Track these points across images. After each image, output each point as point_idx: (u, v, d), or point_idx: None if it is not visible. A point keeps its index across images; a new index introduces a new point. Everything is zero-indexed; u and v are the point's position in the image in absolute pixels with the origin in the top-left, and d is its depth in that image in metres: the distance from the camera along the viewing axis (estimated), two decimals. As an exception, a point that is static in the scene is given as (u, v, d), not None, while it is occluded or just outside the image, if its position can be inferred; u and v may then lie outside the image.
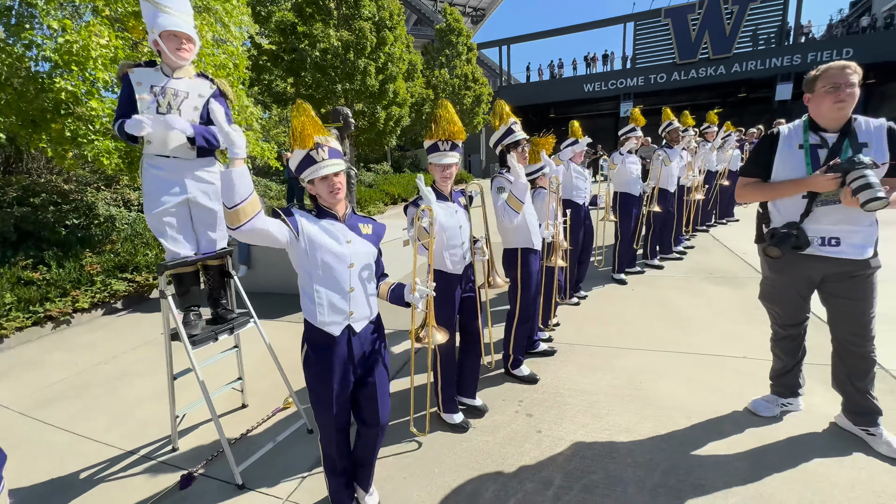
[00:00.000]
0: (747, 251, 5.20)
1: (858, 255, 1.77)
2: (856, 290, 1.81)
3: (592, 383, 2.62)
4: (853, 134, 1.75)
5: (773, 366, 2.20)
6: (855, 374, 1.89)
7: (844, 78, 1.70)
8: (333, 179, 1.50)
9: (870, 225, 1.77)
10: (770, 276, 2.08)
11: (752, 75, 21.68)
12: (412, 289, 1.65)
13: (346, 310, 1.55)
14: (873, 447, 1.87)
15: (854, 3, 28.36)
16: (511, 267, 2.66)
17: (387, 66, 13.51)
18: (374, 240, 1.66)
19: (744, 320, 3.34)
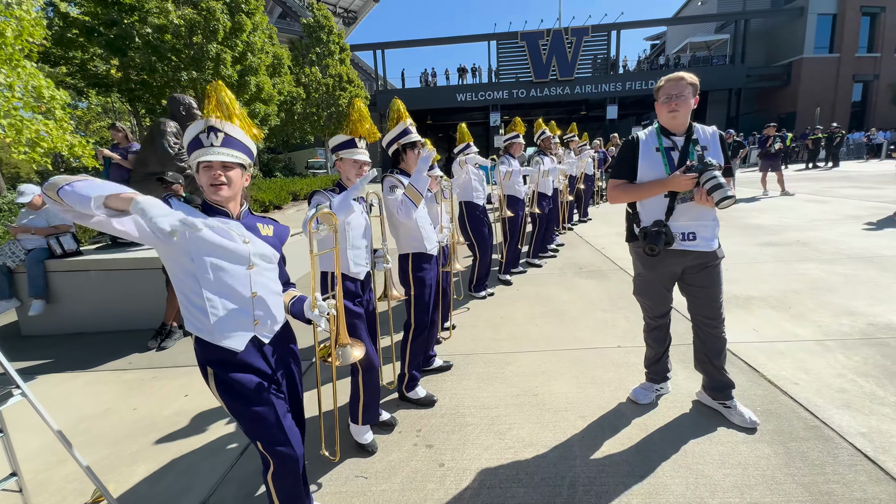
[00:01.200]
0: (605, 246, 5.90)
1: (709, 247, 1.97)
2: (708, 278, 2.02)
3: (491, 395, 2.50)
4: (695, 139, 1.95)
5: (647, 354, 2.35)
6: (713, 352, 2.11)
7: (676, 89, 1.89)
8: (217, 171, 1.26)
9: (713, 220, 1.98)
10: (642, 273, 2.21)
11: (589, 97, 25.69)
12: (311, 304, 1.45)
13: (250, 318, 1.33)
14: (729, 419, 2.10)
15: (653, 46, 36.14)
16: (404, 274, 2.40)
17: (246, 56, 11.96)
18: (275, 243, 1.44)
19: (611, 308, 3.67)
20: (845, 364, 2.54)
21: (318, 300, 1.43)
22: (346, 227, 1.90)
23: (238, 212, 1.37)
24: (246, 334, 1.32)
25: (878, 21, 22.68)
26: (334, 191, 1.92)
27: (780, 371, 2.50)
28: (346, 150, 1.95)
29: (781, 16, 24.25)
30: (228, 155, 1.27)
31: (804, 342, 2.83)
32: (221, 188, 1.27)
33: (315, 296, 1.43)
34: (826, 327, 3.02)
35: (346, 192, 1.65)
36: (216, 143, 1.27)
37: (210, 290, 1.25)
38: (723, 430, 2.04)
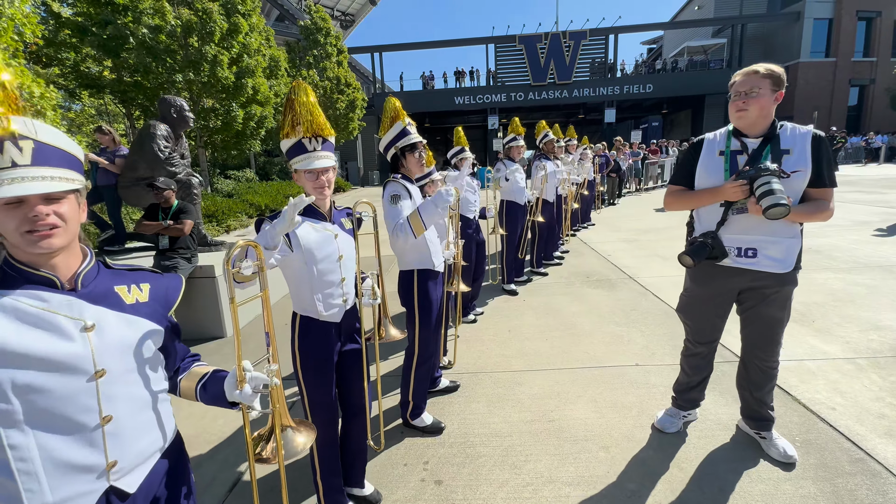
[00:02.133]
0: (611, 253, 5.74)
1: (776, 268, 1.68)
2: (770, 307, 1.76)
3: (503, 421, 2.31)
4: (776, 140, 1.67)
5: (679, 378, 2.16)
6: (754, 384, 1.91)
7: (746, 85, 1.65)
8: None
9: (791, 237, 1.66)
10: (689, 288, 1.99)
11: (587, 100, 25.66)
12: (238, 379, 0.97)
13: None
14: (765, 451, 1.92)
15: (650, 50, 36.24)
16: (407, 293, 2.19)
17: (242, 58, 11.78)
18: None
19: (624, 322, 3.49)
20: (881, 385, 2.38)
21: (250, 370, 0.99)
22: (308, 257, 1.45)
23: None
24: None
25: (874, 25, 22.79)
26: None
27: (813, 394, 2.33)
28: (297, 159, 1.42)
29: (778, 20, 24.33)
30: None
31: (835, 360, 2.66)
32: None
33: (241, 364, 0.97)
34: (855, 344, 2.86)
35: (272, 224, 1.29)
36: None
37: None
38: (764, 464, 1.86)
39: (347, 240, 1.59)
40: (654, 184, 14.15)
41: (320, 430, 1.52)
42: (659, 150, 14.30)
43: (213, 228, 9.38)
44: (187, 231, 3.50)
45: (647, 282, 4.43)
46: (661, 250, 5.75)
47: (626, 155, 11.67)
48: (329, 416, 1.59)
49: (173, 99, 4.65)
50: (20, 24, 6.07)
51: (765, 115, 1.67)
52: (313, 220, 1.49)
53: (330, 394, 1.58)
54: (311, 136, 1.40)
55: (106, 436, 0.80)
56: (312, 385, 1.55)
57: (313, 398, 1.56)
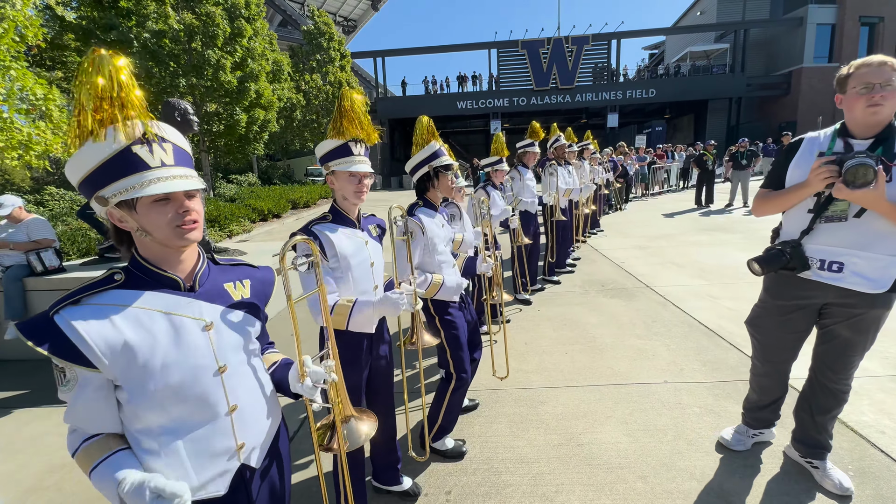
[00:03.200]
0: (624, 260, 5.59)
1: (866, 287, 1.48)
2: (851, 329, 1.58)
3: (528, 444, 2.16)
4: (890, 141, 1.44)
5: (748, 396, 2.00)
6: (819, 407, 1.74)
7: (882, 76, 1.38)
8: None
9: (890, 254, 1.45)
10: (763, 299, 1.81)
11: (590, 105, 25.62)
12: (300, 374, 0.99)
13: None
14: (818, 482, 1.77)
15: (652, 55, 36.27)
16: (430, 320, 2.04)
17: (246, 62, 11.72)
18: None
19: (646, 335, 3.34)
20: (933, 407, 2.23)
21: (309, 366, 0.99)
22: (344, 264, 1.43)
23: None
24: None
25: (877, 30, 22.76)
26: (326, 218, 1.48)
27: (860, 416, 2.18)
28: (339, 161, 1.41)
29: (780, 26, 24.31)
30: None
31: (877, 378, 2.51)
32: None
33: (303, 360, 0.99)
34: (894, 359, 2.71)
35: None
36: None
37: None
38: (820, 498, 1.71)
39: (376, 247, 1.57)
40: (661, 189, 14.03)
41: None
42: (665, 155, 14.19)
43: (216, 234, 9.25)
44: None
45: (665, 291, 4.29)
46: (675, 257, 5.60)
47: (633, 160, 11.56)
48: None
49: (177, 102, 4.54)
50: (22, 27, 5.98)
51: (891, 115, 1.45)
52: (345, 227, 1.49)
53: (357, 402, 1.55)
54: (355, 139, 1.42)
55: (234, 422, 0.89)
56: None
57: None
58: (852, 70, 1.48)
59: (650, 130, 24.94)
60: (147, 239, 0.81)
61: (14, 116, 5.94)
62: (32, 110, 6.52)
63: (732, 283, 4.40)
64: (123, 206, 0.78)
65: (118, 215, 0.79)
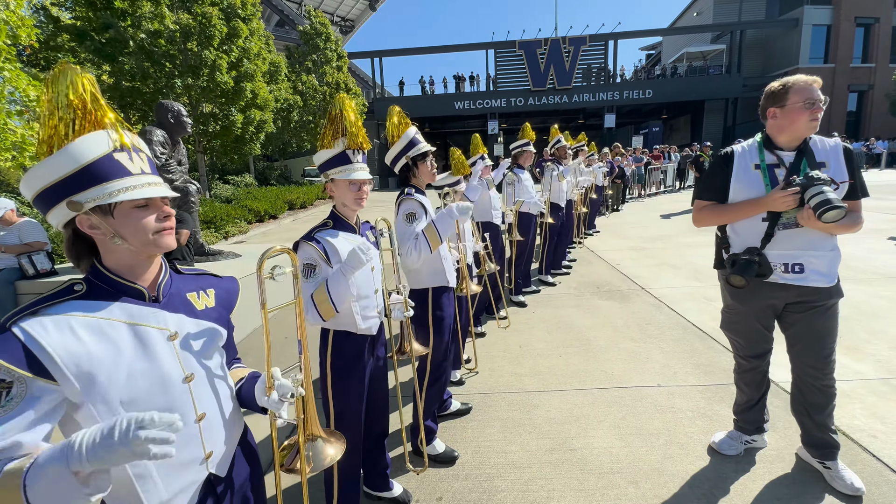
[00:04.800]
0: (620, 262, 5.60)
1: (823, 282, 1.64)
2: (817, 320, 1.69)
3: (520, 449, 2.15)
4: (810, 153, 1.64)
5: (737, 399, 2.03)
6: (814, 406, 1.77)
7: (818, 94, 1.59)
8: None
9: (832, 249, 1.64)
10: (731, 305, 1.90)
11: (587, 105, 25.65)
12: (267, 385, 0.96)
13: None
14: (829, 483, 1.78)
15: (649, 56, 36.35)
16: (421, 311, 2.07)
17: (242, 63, 11.68)
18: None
19: (641, 337, 3.34)
20: (924, 410, 2.23)
21: (278, 378, 0.97)
22: None
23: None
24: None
25: (872, 31, 22.89)
26: (327, 225, 1.50)
27: (852, 420, 2.18)
28: (338, 169, 1.43)
29: (776, 27, 24.42)
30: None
31: (869, 381, 2.52)
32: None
33: (272, 371, 0.97)
34: (887, 363, 2.71)
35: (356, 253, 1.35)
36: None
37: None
38: (831, 499, 1.71)
39: (375, 252, 1.57)
40: (657, 189, 14.06)
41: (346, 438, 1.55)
42: (661, 156, 14.22)
43: (212, 235, 9.21)
44: (183, 241, 3.35)
45: (660, 293, 4.29)
46: (670, 259, 5.61)
47: (630, 160, 11.58)
48: (355, 426, 1.58)
49: (170, 104, 4.51)
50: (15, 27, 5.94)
51: None
52: (346, 232, 1.52)
53: (359, 406, 1.58)
54: (356, 148, 1.43)
55: (202, 431, 0.88)
56: (342, 398, 1.55)
57: (341, 409, 1.56)
58: (791, 85, 1.61)
59: (647, 131, 24.99)
60: (122, 246, 0.80)
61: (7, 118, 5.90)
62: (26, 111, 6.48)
63: (727, 284, 4.39)
64: (98, 211, 0.77)
65: (90, 222, 0.77)
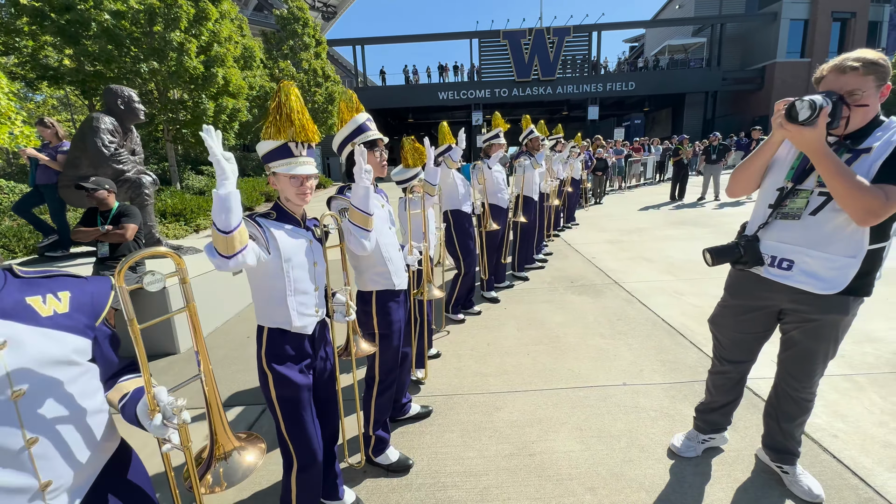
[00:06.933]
0: (596, 255, 5.56)
1: (815, 287, 1.42)
2: (809, 334, 1.51)
3: (479, 455, 2.06)
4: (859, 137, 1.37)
5: (704, 398, 1.96)
6: (785, 414, 1.70)
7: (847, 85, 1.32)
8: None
9: (849, 255, 1.36)
10: (724, 297, 1.77)
11: (571, 97, 25.63)
12: (150, 408, 0.86)
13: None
14: (788, 487, 1.73)
15: (632, 48, 36.46)
16: (365, 315, 1.94)
17: (212, 47, 11.19)
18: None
19: (611, 334, 3.29)
20: (882, 407, 2.22)
21: (162, 399, 0.85)
22: (286, 262, 1.38)
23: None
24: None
25: (848, 26, 23.35)
26: (270, 215, 1.41)
27: (813, 418, 2.15)
28: (279, 162, 1.35)
29: (755, 20, 24.69)
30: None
31: (831, 377, 2.50)
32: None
33: (155, 391, 0.85)
34: (850, 358, 2.72)
35: None
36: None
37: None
38: None
39: (319, 248, 1.53)
40: (637, 182, 14.15)
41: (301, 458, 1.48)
42: (642, 148, 14.29)
43: (181, 228, 8.86)
44: (129, 237, 3.13)
45: (633, 287, 4.26)
46: (646, 252, 5.60)
47: (610, 153, 11.58)
48: (309, 443, 1.48)
49: (120, 89, 4.22)
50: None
51: (867, 119, 1.35)
52: (289, 224, 1.44)
53: (309, 419, 1.48)
54: (301, 141, 1.35)
55: (34, 457, 0.76)
56: (290, 414, 1.44)
57: (292, 429, 1.46)
58: (821, 75, 1.42)
59: (629, 123, 25.16)
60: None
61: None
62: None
63: (700, 278, 4.39)
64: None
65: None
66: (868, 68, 1.30)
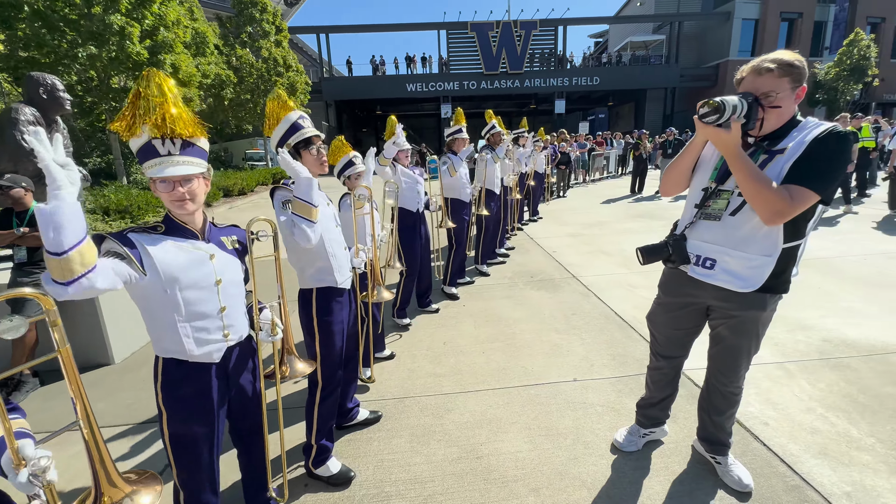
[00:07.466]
0: (557, 249, 5.63)
1: (734, 285, 1.45)
2: (733, 330, 1.56)
3: (426, 461, 2.02)
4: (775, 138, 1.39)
5: (644, 393, 2.00)
6: (714, 408, 1.76)
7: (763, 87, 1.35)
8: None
9: (765, 254, 1.40)
10: (658, 294, 1.82)
11: (538, 91, 25.91)
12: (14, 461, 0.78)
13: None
14: (721, 477, 1.79)
15: (597, 43, 37.23)
16: (306, 315, 1.86)
17: (158, 31, 10.47)
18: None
19: (565, 329, 3.33)
20: (811, 394, 2.35)
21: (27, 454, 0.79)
22: (169, 282, 1.17)
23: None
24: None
25: (795, 26, 24.75)
26: (157, 229, 1.21)
27: (746, 407, 2.25)
28: (148, 164, 1.13)
29: (710, 19, 25.74)
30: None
31: (765, 365, 2.63)
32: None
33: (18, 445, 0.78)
34: (783, 346, 2.86)
35: None
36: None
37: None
38: (722, 496, 1.71)
39: (229, 261, 1.34)
40: (601, 175, 14.50)
41: None
42: (605, 142, 14.63)
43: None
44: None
45: (590, 281, 4.33)
46: (605, 245, 5.73)
47: (574, 147, 11.77)
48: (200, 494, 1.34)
49: (42, 76, 3.84)
50: None
51: (783, 121, 1.38)
52: (178, 238, 1.24)
53: (206, 463, 1.31)
54: (164, 136, 1.13)
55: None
56: (182, 458, 1.28)
57: (182, 474, 1.30)
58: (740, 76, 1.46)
59: (594, 117, 25.71)
60: None
61: None
62: None
63: (652, 271, 4.47)
64: None
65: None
66: (783, 70, 1.32)
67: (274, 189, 1.71)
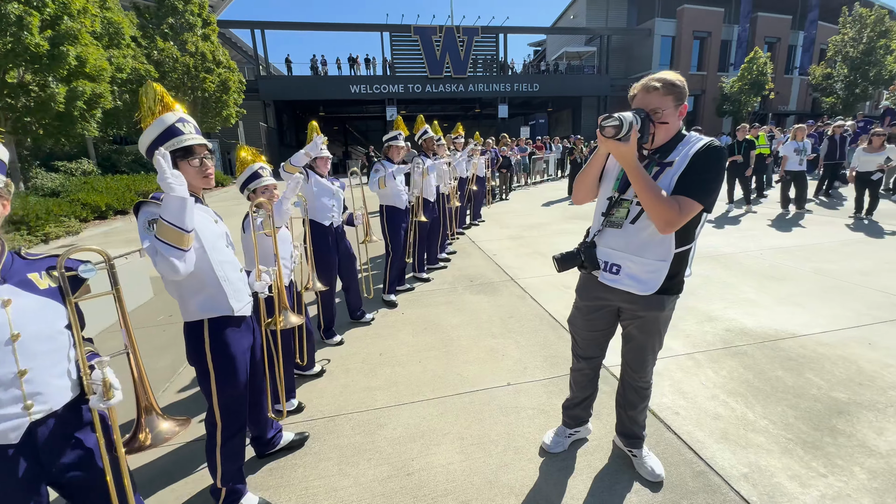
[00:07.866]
0: (497, 252, 5.75)
1: (636, 289, 1.56)
2: (639, 328, 1.70)
3: (354, 483, 1.93)
4: (663, 152, 1.51)
5: (568, 395, 2.07)
6: (628, 403, 1.87)
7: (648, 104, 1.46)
8: None
9: (660, 259, 1.52)
10: (575, 299, 1.89)
11: (482, 95, 26.52)
12: None
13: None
14: (637, 470, 1.89)
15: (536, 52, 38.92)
16: (196, 350, 1.61)
17: (61, 20, 9.33)
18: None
19: (501, 333, 3.38)
20: (715, 381, 2.57)
21: None
22: None
23: None
24: None
25: (705, 44, 27.54)
26: None
27: (660, 398, 2.41)
28: None
29: (634, 35, 27.94)
30: None
31: (678, 357, 2.84)
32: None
33: None
34: (693, 337, 3.11)
35: None
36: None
37: None
38: (637, 487, 1.80)
39: (37, 307, 1.03)
40: (541, 178, 15.11)
41: None
42: (544, 147, 15.28)
43: (22, 239, 7.30)
44: None
45: (527, 283, 4.46)
46: (542, 247, 5.94)
47: (515, 150, 12.16)
48: None
49: None
50: None
51: (670, 135, 1.51)
52: None
53: None
54: None
55: None
56: None
57: None
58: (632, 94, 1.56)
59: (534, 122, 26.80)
60: None
61: None
62: None
63: (584, 271, 4.75)
64: None
65: None
66: (667, 89, 1.43)
67: (140, 204, 1.43)
